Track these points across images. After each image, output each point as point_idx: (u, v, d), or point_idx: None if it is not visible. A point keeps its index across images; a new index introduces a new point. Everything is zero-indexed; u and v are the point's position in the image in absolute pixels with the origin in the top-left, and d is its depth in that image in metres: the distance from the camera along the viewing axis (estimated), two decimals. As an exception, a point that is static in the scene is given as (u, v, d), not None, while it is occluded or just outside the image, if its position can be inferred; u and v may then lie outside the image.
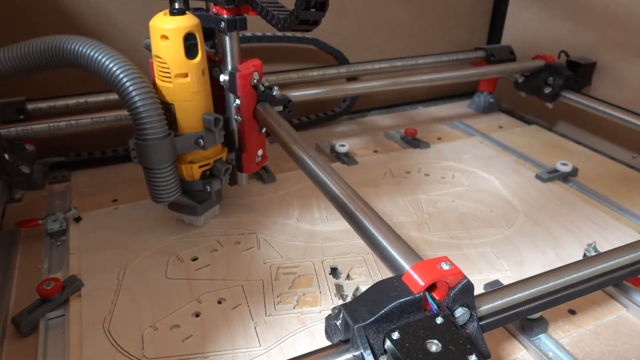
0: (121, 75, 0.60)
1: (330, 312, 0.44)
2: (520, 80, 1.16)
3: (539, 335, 0.60)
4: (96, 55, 0.60)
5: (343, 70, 1.10)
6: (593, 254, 0.70)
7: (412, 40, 1.26)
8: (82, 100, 0.92)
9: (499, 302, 0.49)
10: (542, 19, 1.23)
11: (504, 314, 0.49)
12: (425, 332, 0.40)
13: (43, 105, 0.90)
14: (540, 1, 1.22)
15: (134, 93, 0.60)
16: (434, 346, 0.39)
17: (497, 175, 0.95)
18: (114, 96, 0.94)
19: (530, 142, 1.11)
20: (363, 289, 0.66)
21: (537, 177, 0.94)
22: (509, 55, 1.22)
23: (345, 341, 0.42)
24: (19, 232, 0.77)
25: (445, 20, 1.30)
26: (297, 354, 0.43)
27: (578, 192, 0.91)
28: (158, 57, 0.65)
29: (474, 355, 0.38)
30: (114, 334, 0.59)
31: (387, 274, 0.69)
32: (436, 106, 1.34)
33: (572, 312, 0.64)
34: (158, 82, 0.67)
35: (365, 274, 0.69)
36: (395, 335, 0.39)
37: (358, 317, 0.41)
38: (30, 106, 0.89)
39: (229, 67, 0.72)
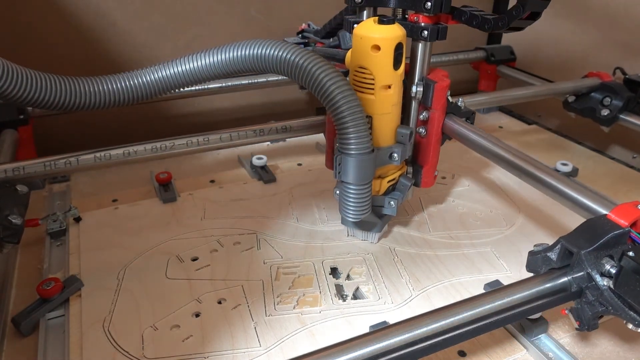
0: (332, 87, 0.56)
1: (330, 312, 0.44)
2: (571, 99, 1.02)
3: (539, 335, 0.60)
4: (302, 61, 0.56)
5: (343, 70, 1.10)
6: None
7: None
8: (82, 100, 0.92)
9: (499, 302, 0.49)
10: (542, 18, 1.23)
11: (504, 314, 0.49)
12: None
13: (43, 105, 0.90)
14: (540, 1, 1.22)
15: (344, 107, 0.57)
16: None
17: (497, 175, 0.95)
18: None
19: (530, 142, 1.11)
20: (363, 288, 0.66)
21: (537, 177, 0.94)
22: (509, 56, 1.22)
23: (560, 268, 0.52)
24: (19, 232, 0.77)
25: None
26: (297, 354, 0.43)
27: (578, 192, 0.91)
28: (363, 67, 0.62)
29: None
30: (114, 334, 0.59)
31: (387, 273, 0.69)
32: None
33: (572, 312, 0.64)
34: (357, 94, 0.61)
35: (365, 274, 0.69)
36: (631, 254, 0.48)
37: (580, 246, 0.50)
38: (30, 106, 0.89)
39: (417, 77, 0.69)
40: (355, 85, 0.64)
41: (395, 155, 0.66)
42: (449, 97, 0.72)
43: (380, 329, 0.46)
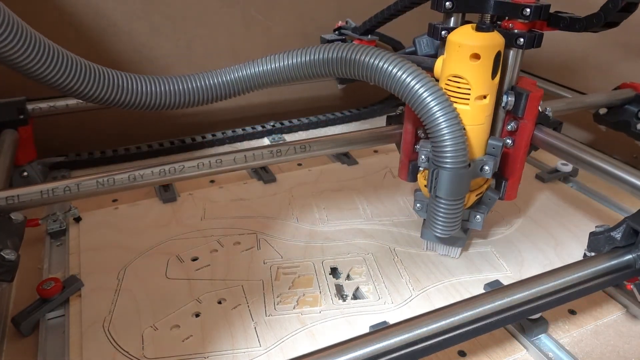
0: (428, 98, 0.55)
1: (330, 312, 0.44)
2: (602, 112, 0.95)
3: (539, 336, 0.60)
4: (396, 70, 0.55)
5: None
6: (593, 254, 0.70)
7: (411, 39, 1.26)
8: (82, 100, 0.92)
9: (499, 302, 0.49)
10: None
11: (504, 314, 0.49)
12: None
13: (43, 105, 0.90)
14: (540, 1, 1.22)
15: (441, 119, 0.55)
16: None
17: (497, 175, 0.95)
18: (114, 96, 0.94)
19: (530, 142, 1.11)
20: (363, 288, 0.67)
21: (537, 177, 0.94)
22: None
23: (624, 247, 0.57)
24: (19, 232, 0.77)
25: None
26: (297, 354, 0.43)
27: (578, 192, 0.91)
28: (459, 77, 0.58)
29: None
30: (114, 334, 0.59)
31: (387, 273, 0.69)
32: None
33: (572, 312, 0.64)
34: None
35: (365, 274, 0.69)
36: None
37: None
38: (30, 106, 0.89)
39: (507, 87, 0.66)
40: (448, 95, 0.59)
41: (487, 168, 0.63)
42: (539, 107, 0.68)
43: (380, 329, 0.46)
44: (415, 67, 0.55)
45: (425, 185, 0.65)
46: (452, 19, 0.64)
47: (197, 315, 0.62)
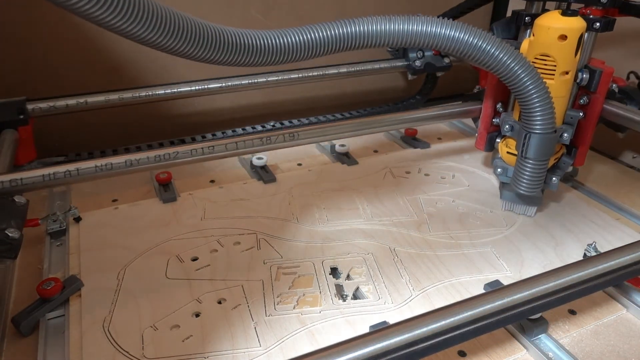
0: (522, 73, 0.63)
1: (330, 312, 0.44)
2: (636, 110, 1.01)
3: (539, 336, 0.60)
4: (494, 50, 0.61)
5: (343, 70, 1.10)
6: (593, 254, 0.70)
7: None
8: (82, 100, 0.92)
9: (499, 302, 0.49)
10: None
11: (504, 314, 0.49)
12: None
13: (43, 105, 0.90)
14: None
15: (534, 92, 0.64)
16: None
17: (497, 175, 0.95)
18: (114, 96, 0.94)
19: (530, 142, 1.11)
20: (363, 288, 0.67)
21: (537, 177, 0.94)
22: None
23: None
24: (19, 232, 0.77)
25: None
26: (298, 354, 0.43)
27: (578, 192, 0.91)
28: (546, 55, 0.69)
29: None
30: (114, 334, 0.59)
31: (387, 273, 0.69)
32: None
33: (572, 312, 0.64)
34: None
35: (365, 274, 0.69)
36: None
37: None
38: (30, 106, 0.89)
39: (582, 65, 0.76)
40: (540, 72, 0.69)
41: (566, 135, 0.74)
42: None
43: (380, 329, 0.46)
44: (510, 47, 0.62)
45: (507, 152, 0.78)
46: (534, 6, 0.77)
47: (197, 315, 0.62)
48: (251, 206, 0.85)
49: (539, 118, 0.67)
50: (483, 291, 0.65)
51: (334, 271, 0.70)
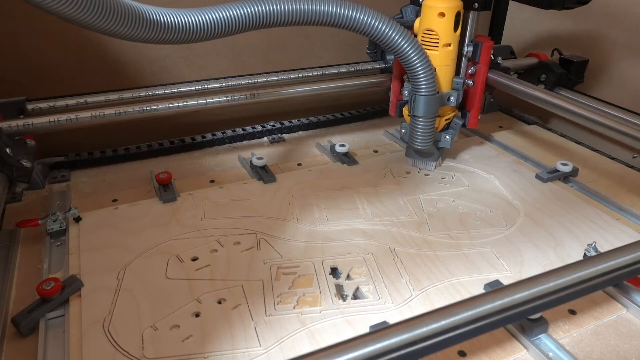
0: (405, 46, 0.75)
1: (330, 312, 0.43)
2: (514, 77, 1.15)
3: (539, 335, 0.60)
4: (382, 26, 0.72)
5: (343, 69, 1.10)
6: (593, 254, 0.70)
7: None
8: (82, 100, 0.92)
9: (499, 302, 0.49)
10: (541, 18, 1.23)
11: (504, 314, 0.49)
12: None
13: (43, 105, 0.90)
14: (540, 1, 1.22)
15: (416, 60, 0.77)
16: None
17: (497, 175, 0.95)
18: (113, 96, 0.94)
19: (530, 142, 1.11)
20: (363, 288, 0.66)
21: (537, 177, 0.94)
22: (510, 56, 1.21)
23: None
24: (19, 232, 0.77)
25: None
26: (297, 354, 0.43)
27: (578, 192, 0.91)
28: (430, 30, 0.83)
29: None
30: (114, 334, 0.59)
31: (387, 273, 0.69)
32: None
33: (572, 312, 0.64)
34: (425, 51, 0.80)
35: (366, 274, 0.69)
36: None
37: None
38: (30, 106, 0.89)
39: (468, 39, 0.89)
40: (423, 44, 0.83)
41: (452, 98, 0.87)
42: (492, 55, 0.93)
43: (380, 329, 0.46)
44: (396, 23, 0.74)
45: (407, 115, 0.89)
46: None
47: (197, 315, 0.62)
48: (251, 206, 0.85)
49: (422, 82, 0.79)
50: (483, 291, 0.65)
51: (334, 271, 0.70)
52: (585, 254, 0.72)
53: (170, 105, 0.94)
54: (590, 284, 0.54)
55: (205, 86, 1.00)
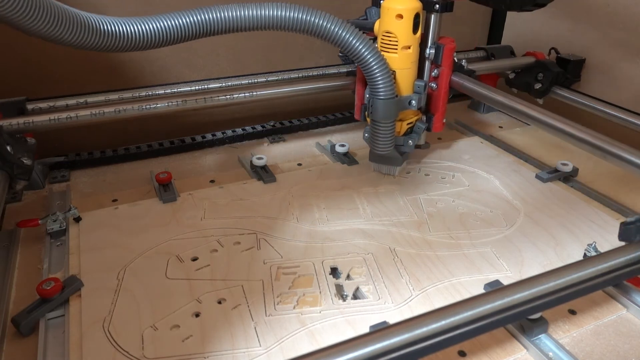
0: (362, 49, 0.72)
1: (330, 312, 0.44)
2: (511, 76, 1.18)
3: (539, 335, 0.60)
4: (338, 30, 0.70)
5: (343, 70, 1.10)
6: (593, 254, 0.70)
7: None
8: (82, 100, 0.92)
9: (499, 302, 0.49)
10: (541, 18, 1.23)
11: (504, 314, 0.49)
12: None
13: (43, 105, 0.90)
14: (540, 1, 1.22)
15: (373, 63, 0.74)
16: None
17: (497, 175, 0.95)
18: (113, 96, 0.94)
19: (530, 142, 1.11)
20: (363, 288, 0.66)
21: (537, 177, 0.94)
22: (510, 55, 1.21)
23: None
24: (19, 232, 0.77)
25: (445, 20, 1.29)
26: (297, 354, 0.43)
27: (578, 192, 0.91)
28: (389, 32, 0.80)
29: None
30: (114, 334, 0.59)
31: (387, 273, 0.69)
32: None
33: (572, 312, 0.64)
34: (383, 53, 0.79)
35: (366, 274, 0.69)
36: None
37: None
38: (30, 106, 0.89)
39: (430, 42, 0.87)
40: (382, 47, 0.81)
41: (413, 102, 0.83)
42: (455, 58, 0.90)
43: (380, 329, 0.46)
44: (350, 25, 0.72)
45: (368, 118, 0.85)
46: None
47: (197, 315, 0.62)
48: (251, 206, 0.85)
49: (380, 84, 0.76)
50: (483, 291, 0.65)
51: (334, 271, 0.70)
52: (585, 254, 0.72)
53: (170, 103, 0.94)
54: (590, 284, 0.54)
55: (205, 86, 1.00)
